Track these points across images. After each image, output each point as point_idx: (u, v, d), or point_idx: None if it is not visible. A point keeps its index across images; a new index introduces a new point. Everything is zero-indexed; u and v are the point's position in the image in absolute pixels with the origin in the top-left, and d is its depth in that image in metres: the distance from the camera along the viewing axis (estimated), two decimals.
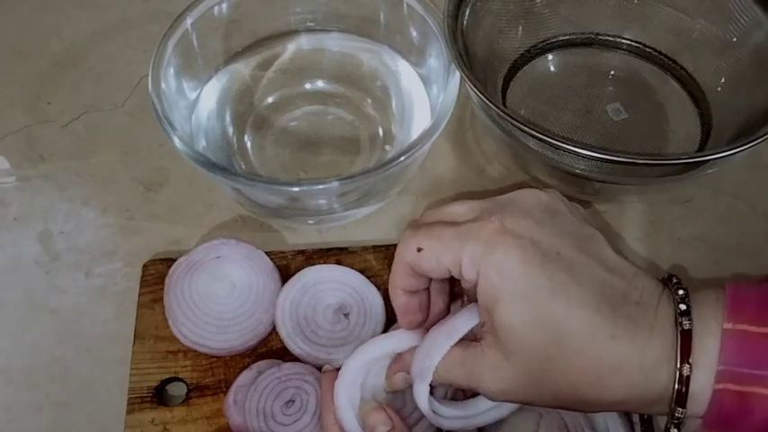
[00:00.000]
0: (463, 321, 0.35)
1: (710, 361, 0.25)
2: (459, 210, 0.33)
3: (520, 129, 0.45)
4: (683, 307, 0.26)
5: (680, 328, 0.26)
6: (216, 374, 0.47)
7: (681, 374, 0.26)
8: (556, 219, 0.30)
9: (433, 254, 0.32)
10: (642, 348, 0.26)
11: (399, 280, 0.35)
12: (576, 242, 0.29)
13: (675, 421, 0.27)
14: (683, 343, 0.25)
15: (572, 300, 0.27)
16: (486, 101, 0.46)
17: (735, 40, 0.55)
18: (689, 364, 0.25)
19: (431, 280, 0.36)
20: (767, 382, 0.24)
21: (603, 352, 0.27)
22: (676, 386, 0.26)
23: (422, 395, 0.37)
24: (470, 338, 0.35)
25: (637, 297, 0.28)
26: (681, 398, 0.26)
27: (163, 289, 0.48)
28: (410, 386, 0.38)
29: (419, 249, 0.33)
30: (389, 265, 0.51)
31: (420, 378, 0.36)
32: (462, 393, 0.41)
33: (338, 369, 0.41)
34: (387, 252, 0.52)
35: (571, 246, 0.29)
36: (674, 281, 0.28)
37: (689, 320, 0.26)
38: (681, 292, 0.27)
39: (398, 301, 0.36)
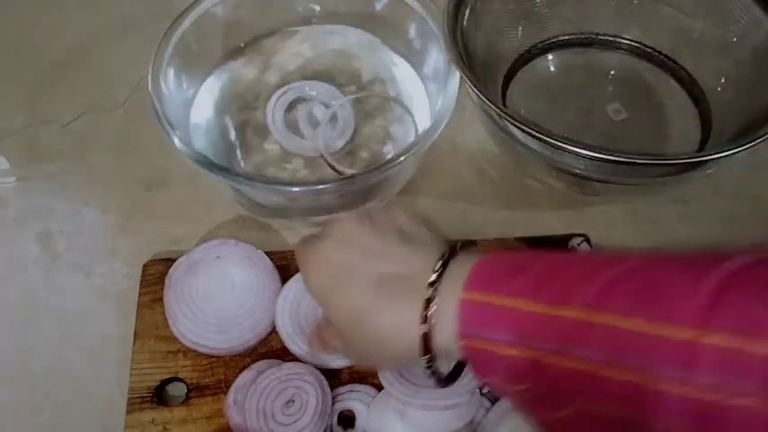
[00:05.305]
0: None
1: (451, 323, 0.32)
2: None
3: (520, 129, 0.45)
4: (433, 278, 0.34)
5: (426, 296, 0.33)
6: (216, 374, 0.47)
7: (423, 333, 0.33)
8: (354, 236, 0.38)
9: None
10: (398, 315, 0.34)
11: None
12: (361, 250, 0.37)
13: (427, 365, 0.34)
14: (424, 308, 0.33)
15: (346, 292, 0.36)
16: (486, 101, 0.46)
17: (735, 40, 0.55)
18: (427, 324, 0.33)
19: None
20: (492, 341, 0.31)
21: (376, 323, 0.35)
22: (419, 342, 0.33)
23: None
24: None
25: (408, 273, 0.35)
26: (426, 350, 0.33)
27: (163, 289, 0.48)
28: None
29: None
30: None
31: None
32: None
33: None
34: None
35: (356, 252, 0.37)
36: (452, 251, 0.35)
37: (434, 290, 0.33)
38: (438, 265, 0.34)
39: None
